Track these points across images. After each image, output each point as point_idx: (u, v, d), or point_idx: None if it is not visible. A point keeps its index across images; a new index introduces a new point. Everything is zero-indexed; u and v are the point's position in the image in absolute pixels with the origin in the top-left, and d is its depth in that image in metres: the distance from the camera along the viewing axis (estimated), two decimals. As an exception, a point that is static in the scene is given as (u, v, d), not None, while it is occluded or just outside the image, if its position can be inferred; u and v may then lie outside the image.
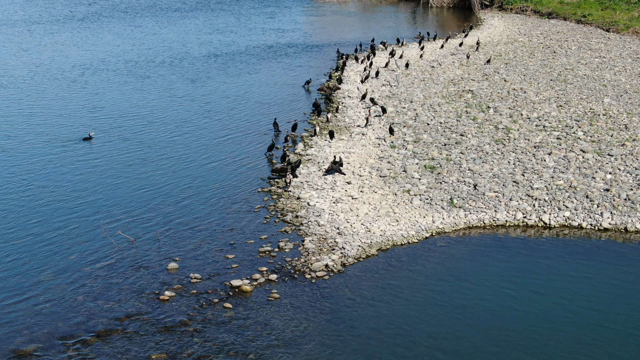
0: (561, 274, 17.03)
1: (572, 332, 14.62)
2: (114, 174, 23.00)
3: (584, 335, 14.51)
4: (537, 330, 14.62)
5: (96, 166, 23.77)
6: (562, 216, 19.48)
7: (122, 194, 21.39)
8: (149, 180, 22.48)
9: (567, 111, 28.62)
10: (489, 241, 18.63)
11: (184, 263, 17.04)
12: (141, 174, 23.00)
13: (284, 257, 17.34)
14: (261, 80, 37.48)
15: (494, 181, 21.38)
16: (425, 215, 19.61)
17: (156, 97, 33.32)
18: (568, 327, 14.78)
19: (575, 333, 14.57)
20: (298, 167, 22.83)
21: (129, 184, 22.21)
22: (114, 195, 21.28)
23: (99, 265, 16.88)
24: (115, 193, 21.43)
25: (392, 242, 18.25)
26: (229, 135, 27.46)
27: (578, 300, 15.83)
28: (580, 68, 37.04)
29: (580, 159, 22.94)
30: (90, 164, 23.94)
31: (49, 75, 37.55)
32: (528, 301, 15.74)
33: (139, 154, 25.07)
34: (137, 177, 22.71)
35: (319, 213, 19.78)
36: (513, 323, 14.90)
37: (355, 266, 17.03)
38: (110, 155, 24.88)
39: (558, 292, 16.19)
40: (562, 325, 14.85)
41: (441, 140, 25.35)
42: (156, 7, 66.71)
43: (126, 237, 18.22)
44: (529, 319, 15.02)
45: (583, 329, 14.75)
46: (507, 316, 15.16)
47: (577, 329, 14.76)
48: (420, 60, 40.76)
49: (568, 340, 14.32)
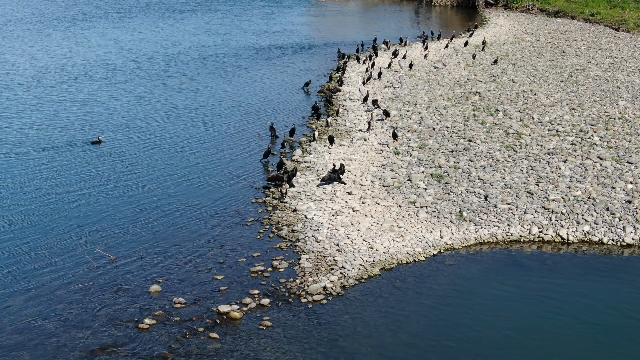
0: (581, 296, 15.49)
1: (592, 359, 13.11)
2: (95, 184, 21.42)
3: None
4: (557, 358, 13.11)
5: (77, 175, 22.21)
6: (581, 231, 17.90)
7: (104, 205, 19.79)
8: (134, 190, 20.91)
9: (580, 114, 27.02)
10: (502, 259, 17.06)
11: (168, 285, 15.48)
12: (125, 183, 21.42)
13: (278, 278, 15.77)
14: (259, 81, 35.90)
15: (506, 191, 19.79)
16: (432, 229, 18.03)
17: (148, 100, 31.76)
18: (588, 354, 13.25)
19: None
20: (294, 176, 21.28)
21: (111, 193, 20.62)
22: (95, 207, 19.69)
23: (74, 288, 15.31)
24: (96, 204, 19.84)
25: (396, 260, 16.67)
26: (223, 140, 25.90)
27: (599, 325, 14.29)
28: (591, 69, 35.43)
29: (598, 166, 21.34)
30: (69, 174, 22.38)
31: (48, 76, 36.01)
32: (545, 327, 14.18)
33: (123, 161, 23.50)
34: (122, 187, 21.14)
35: (317, 227, 18.22)
36: (530, 351, 13.35)
37: (356, 288, 15.46)
38: (93, 164, 23.33)
39: (577, 316, 14.66)
40: (581, 351, 13.33)
41: (448, 146, 23.77)
42: (156, 7, 65.19)
43: (106, 255, 16.66)
44: (547, 347, 13.46)
45: (605, 356, 13.20)
46: (522, 344, 13.60)
47: (598, 356, 13.21)
48: (425, 61, 39.18)
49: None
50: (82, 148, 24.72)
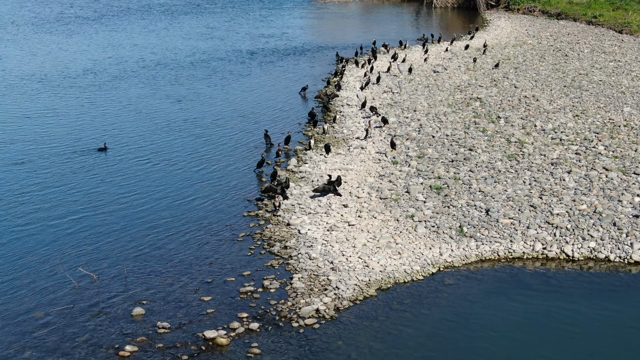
0: (586, 318, 14.68)
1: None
2: (76, 197, 20.59)
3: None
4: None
5: (58, 187, 21.42)
6: (586, 247, 17.10)
7: (87, 219, 18.96)
8: (120, 202, 20.09)
9: (584, 122, 26.22)
10: (505, 277, 16.26)
11: (152, 307, 14.69)
12: (110, 195, 20.55)
13: (269, 300, 14.98)
14: (254, 86, 35.10)
15: (509, 205, 18.99)
16: (431, 246, 17.24)
17: (134, 107, 30.96)
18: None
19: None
20: (288, 187, 20.49)
21: (94, 207, 19.71)
22: (78, 221, 18.85)
23: (54, 311, 14.52)
24: (79, 218, 19.00)
25: (393, 279, 15.87)
26: (215, 149, 25.10)
27: (606, 349, 13.50)
28: (595, 73, 34.63)
29: (604, 178, 20.54)
30: (51, 186, 21.60)
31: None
32: (550, 355, 13.38)
33: (107, 172, 22.67)
34: (106, 199, 20.29)
35: (310, 243, 17.43)
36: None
37: (350, 310, 14.66)
38: (73, 177, 22.55)
39: (584, 342, 13.85)
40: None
41: (448, 156, 22.97)
42: (152, 10, 64.43)
43: (88, 274, 15.87)
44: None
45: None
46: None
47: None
48: (424, 65, 38.37)
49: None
50: (62, 160, 23.87)
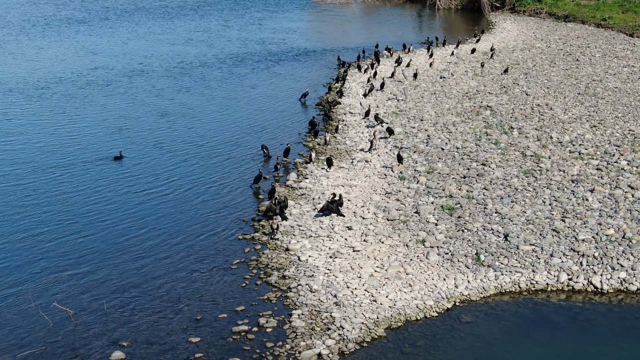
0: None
1: None
2: (53, 217, 18.96)
3: None
4: None
5: (37, 206, 19.81)
6: (616, 278, 15.48)
7: (65, 244, 17.25)
8: (102, 225, 18.40)
9: (603, 133, 24.61)
10: (527, 313, 14.63)
11: (134, 350, 13.06)
12: (91, 216, 18.88)
13: (264, 342, 13.33)
14: (253, 92, 33.41)
15: (529, 229, 17.35)
16: (445, 276, 15.60)
17: (124, 110, 29.34)
18: None
19: None
20: (287, 207, 18.86)
21: (73, 229, 18.04)
22: (53, 246, 17.14)
23: (23, 355, 12.88)
24: (54, 243, 17.27)
25: (404, 316, 14.24)
26: (210, 162, 23.44)
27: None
28: (609, 79, 33.02)
29: (630, 197, 18.92)
30: (31, 204, 19.99)
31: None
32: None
33: (88, 189, 21.05)
34: (87, 220, 18.63)
35: (311, 272, 15.80)
36: None
37: (357, 355, 13.03)
38: (50, 195, 20.93)
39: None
40: None
41: (459, 171, 21.35)
42: (150, 11, 62.81)
43: (64, 310, 14.24)
44: None
45: None
46: None
47: None
48: (430, 70, 36.74)
49: None
50: (36, 174, 22.27)
